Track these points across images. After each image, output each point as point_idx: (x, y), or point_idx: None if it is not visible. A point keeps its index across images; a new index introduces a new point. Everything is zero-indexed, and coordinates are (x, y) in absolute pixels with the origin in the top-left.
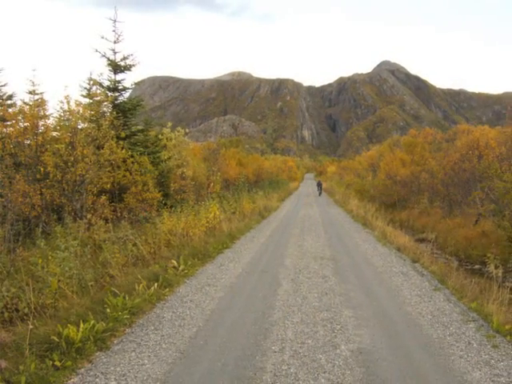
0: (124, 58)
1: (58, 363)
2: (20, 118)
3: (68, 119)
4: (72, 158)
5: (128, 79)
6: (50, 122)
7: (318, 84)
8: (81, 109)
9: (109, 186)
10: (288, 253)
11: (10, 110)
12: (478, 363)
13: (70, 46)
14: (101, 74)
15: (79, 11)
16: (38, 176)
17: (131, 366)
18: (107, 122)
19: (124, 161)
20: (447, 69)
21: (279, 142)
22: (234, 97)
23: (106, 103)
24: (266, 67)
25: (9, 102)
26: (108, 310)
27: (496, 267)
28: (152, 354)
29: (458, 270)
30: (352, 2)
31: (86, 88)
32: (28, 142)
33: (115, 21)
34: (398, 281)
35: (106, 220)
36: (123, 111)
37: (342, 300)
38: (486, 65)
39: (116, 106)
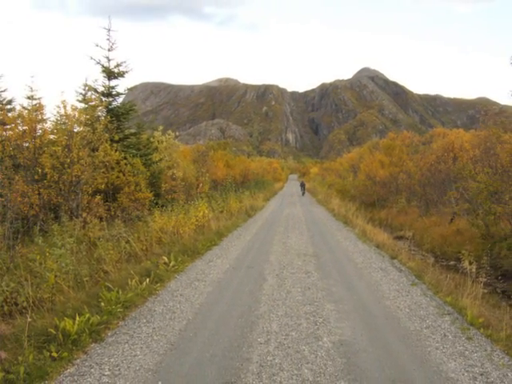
0: (117, 65)
1: (54, 354)
2: (19, 121)
3: (64, 123)
4: (68, 160)
5: (121, 85)
6: (48, 125)
7: (301, 90)
8: (76, 113)
9: (103, 186)
10: (273, 249)
11: (9, 115)
12: (453, 354)
13: (67, 53)
14: (95, 80)
15: (76, 20)
16: (36, 177)
17: (124, 357)
18: (101, 126)
19: (117, 162)
20: (424, 75)
21: (265, 144)
22: (222, 102)
23: (100, 108)
24: (252, 74)
25: (8, 106)
26: (102, 304)
27: (470, 263)
28: (144, 345)
29: (434, 266)
30: (332, 14)
31: (81, 93)
32: (26, 144)
33: (109, 30)
34: (378, 276)
35: (101, 218)
36: (117, 115)
37: (324, 294)
38: (460, 71)
39: (110, 111)
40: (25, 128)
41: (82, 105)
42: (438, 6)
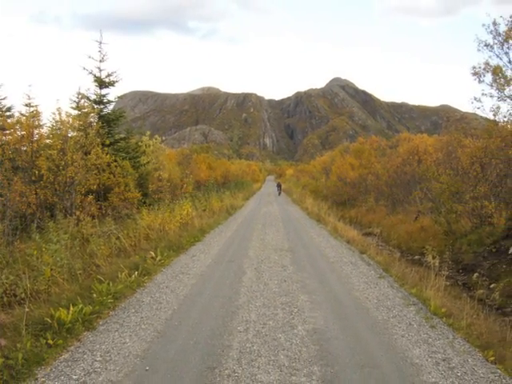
0: (108, 75)
1: (50, 342)
2: (17, 127)
3: (59, 128)
4: (63, 163)
5: (112, 93)
6: (44, 130)
7: (277, 97)
8: (70, 119)
9: (95, 186)
10: (251, 245)
11: (8, 121)
12: (417, 342)
13: (62, 63)
14: (88, 89)
15: (70, 34)
16: (33, 178)
17: (114, 344)
18: (93, 131)
19: (108, 165)
20: (391, 84)
21: (244, 148)
22: (205, 109)
23: (92, 114)
24: (232, 83)
25: (8, 113)
26: (94, 295)
27: (433, 258)
28: (133, 333)
29: (400, 261)
30: (307, 27)
31: (75, 101)
32: (24, 148)
33: (101, 42)
34: (348, 269)
35: (93, 216)
36: (107, 121)
37: (298, 286)
38: (424, 80)
39: (101, 117)
40: (23, 133)
41: (76, 112)
42: (403, 20)
